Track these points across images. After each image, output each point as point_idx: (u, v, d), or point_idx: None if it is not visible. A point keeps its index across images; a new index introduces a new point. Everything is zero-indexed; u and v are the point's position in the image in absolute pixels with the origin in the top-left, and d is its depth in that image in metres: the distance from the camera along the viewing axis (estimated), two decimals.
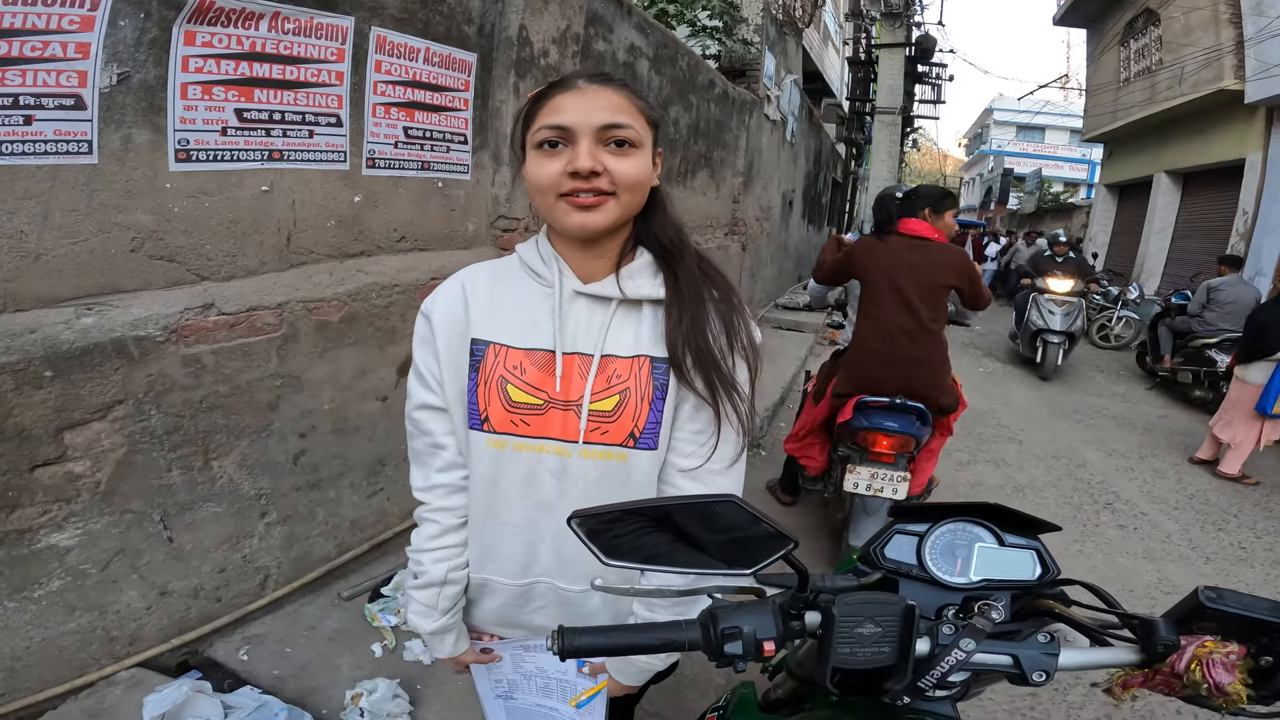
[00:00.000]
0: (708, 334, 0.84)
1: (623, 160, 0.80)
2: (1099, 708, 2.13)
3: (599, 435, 0.84)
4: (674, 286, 0.87)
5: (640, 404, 0.84)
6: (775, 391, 5.13)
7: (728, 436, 0.86)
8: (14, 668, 1.53)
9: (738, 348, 0.87)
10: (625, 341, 0.86)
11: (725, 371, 0.84)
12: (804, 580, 0.62)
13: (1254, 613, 0.62)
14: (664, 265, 0.89)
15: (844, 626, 0.60)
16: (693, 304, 0.85)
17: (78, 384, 1.49)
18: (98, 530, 1.60)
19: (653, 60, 4.05)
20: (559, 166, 0.79)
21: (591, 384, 0.84)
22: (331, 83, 1.94)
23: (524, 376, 0.85)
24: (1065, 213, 19.19)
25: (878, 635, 0.60)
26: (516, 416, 0.85)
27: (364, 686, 1.75)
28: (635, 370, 0.85)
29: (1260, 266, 7.98)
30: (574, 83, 0.81)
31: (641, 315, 0.88)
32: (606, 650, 0.61)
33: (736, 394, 0.84)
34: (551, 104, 0.80)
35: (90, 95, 1.45)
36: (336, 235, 2.09)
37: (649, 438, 0.85)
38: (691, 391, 0.83)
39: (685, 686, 2.08)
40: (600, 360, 0.85)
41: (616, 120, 0.79)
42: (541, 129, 0.80)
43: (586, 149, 0.78)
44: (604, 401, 0.84)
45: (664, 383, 0.85)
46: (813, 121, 11.05)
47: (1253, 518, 3.85)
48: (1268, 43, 7.92)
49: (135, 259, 1.62)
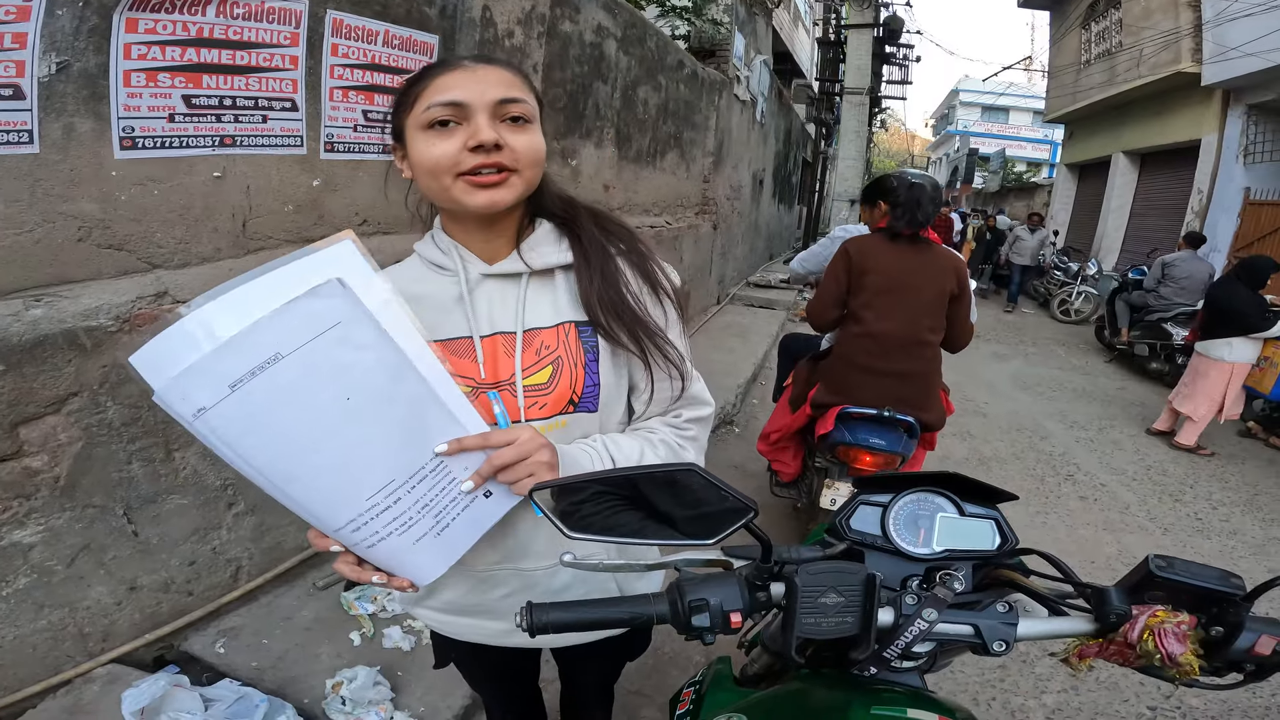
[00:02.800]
0: (621, 289, 0.85)
1: (522, 135, 0.78)
2: (1065, 680, 2.20)
3: (538, 410, 0.83)
4: (579, 249, 0.86)
5: (575, 370, 0.84)
6: (748, 368, 5.16)
7: (661, 380, 0.88)
8: None
9: (660, 290, 0.88)
10: (545, 312, 0.86)
11: (646, 320, 0.85)
12: (767, 550, 0.63)
13: (1203, 582, 0.63)
14: (565, 231, 0.89)
15: (807, 596, 0.61)
16: (599, 261, 0.85)
17: (30, 377, 1.44)
18: (60, 526, 1.56)
19: (621, 41, 4.01)
20: (456, 144, 0.76)
21: (520, 360, 0.83)
22: (285, 67, 1.89)
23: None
24: (1028, 192, 19.58)
25: (841, 605, 0.61)
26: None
27: (344, 675, 1.74)
28: (562, 338, 0.85)
29: (1215, 243, 8.22)
30: (459, 62, 0.79)
31: (556, 283, 0.88)
32: (575, 625, 0.61)
33: (662, 339, 0.86)
34: (438, 83, 0.77)
35: (29, 85, 1.41)
36: (295, 220, 2.04)
37: (589, 401, 0.85)
38: (619, 346, 0.84)
39: (666, 664, 2.11)
40: (525, 335, 0.84)
41: (512, 95, 0.77)
42: (432, 107, 0.76)
43: (486, 122, 0.75)
44: (537, 374, 0.83)
45: (593, 344, 0.85)
46: (783, 102, 11.06)
47: (1208, 489, 3.99)
48: (1225, 26, 8.10)
49: (83, 248, 1.57)
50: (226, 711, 1.54)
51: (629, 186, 4.62)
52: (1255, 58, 7.53)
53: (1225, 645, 0.62)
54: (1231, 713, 2.12)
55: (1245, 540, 3.37)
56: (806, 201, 17.26)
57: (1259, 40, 7.43)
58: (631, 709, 1.93)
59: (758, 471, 3.70)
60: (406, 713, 1.70)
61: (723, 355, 5.32)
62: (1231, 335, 4.35)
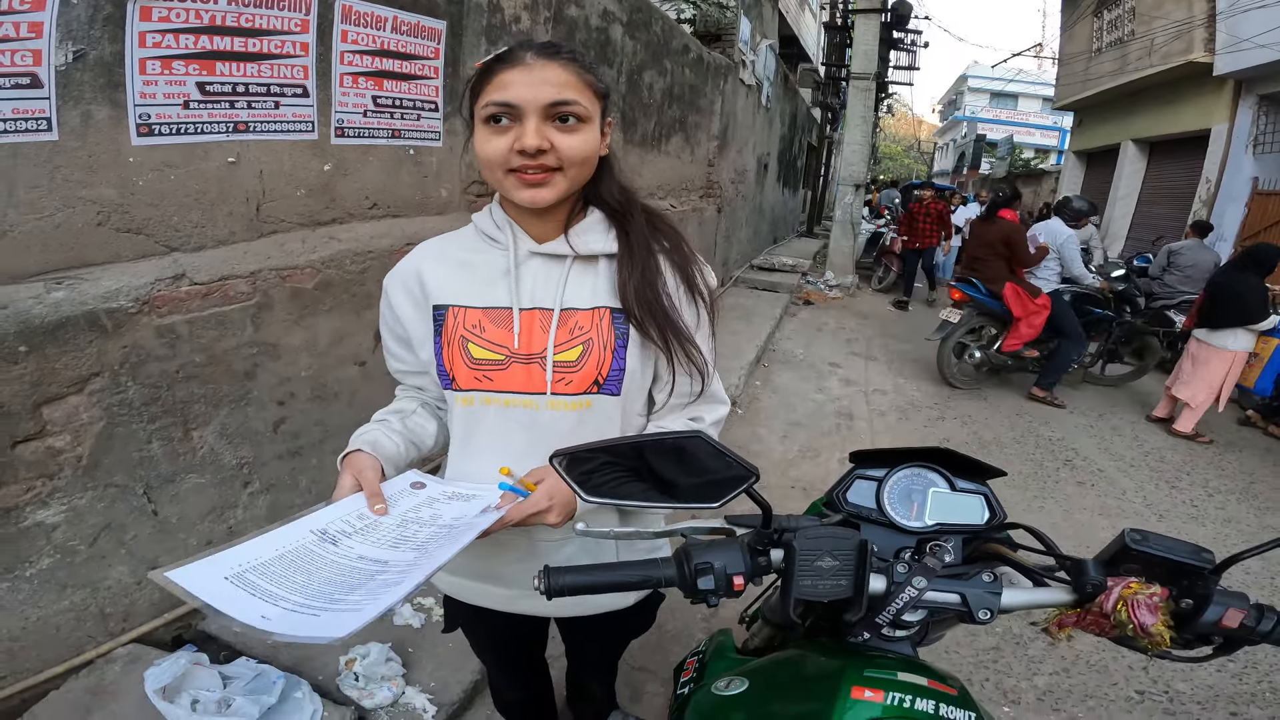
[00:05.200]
0: (658, 287, 0.89)
1: (570, 136, 0.82)
2: (1057, 662, 2.24)
3: (564, 385, 0.88)
4: (625, 242, 0.90)
5: (604, 353, 0.88)
6: (751, 351, 5.20)
7: (683, 377, 0.92)
8: (13, 649, 1.54)
9: (696, 293, 0.93)
10: (584, 295, 0.90)
11: (676, 321, 0.89)
12: (768, 515, 0.67)
13: (1175, 555, 0.66)
14: (615, 222, 0.92)
15: (805, 559, 0.64)
16: (643, 257, 0.89)
17: (52, 358, 1.48)
18: (83, 505, 1.60)
19: (626, 25, 4.00)
20: (506, 143, 0.80)
21: (554, 336, 0.87)
22: (297, 54, 1.91)
23: (484, 334, 0.88)
24: (1035, 178, 19.40)
25: (835, 568, 0.65)
26: (479, 372, 0.89)
27: (357, 651, 1.78)
28: (596, 321, 0.89)
29: (1222, 232, 8.19)
30: (521, 56, 0.80)
31: (598, 269, 0.91)
32: (590, 587, 0.65)
33: (689, 341, 0.90)
34: (498, 79, 0.80)
35: (46, 74, 1.44)
36: (307, 204, 2.07)
37: (613, 384, 0.89)
38: (647, 339, 0.88)
39: (669, 641, 2.16)
40: (561, 313, 0.88)
41: (563, 97, 0.80)
42: (489, 105, 0.80)
43: (533, 127, 0.79)
44: (568, 352, 0.88)
45: (624, 331, 0.89)
46: (788, 86, 10.99)
47: (1205, 476, 4.01)
48: (1239, 16, 8.03)
49: (102, 232, 1.60)
50: (245, 688, 1.57)
51: (634, 170, 4.63)
52: (1268, 49, 7.48)
53: (1194, 617, 0.65)
54: (1218, 698, 2.15)
55: (1240, 528, 3.40)
56: (811, 186, 17.15)
57: (1272, 32, 7.37)
58: (635, 684, 1.98)
59: (761, 452, 3.77)
60: (418, 687, 1.75)
61: (726, 337, 5.34)
62: (1234, 325, 4.35)
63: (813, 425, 4.29)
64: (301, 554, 0.73)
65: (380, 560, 0.73)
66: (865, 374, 5.55)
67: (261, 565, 0.69)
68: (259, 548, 0.72)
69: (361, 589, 0.66)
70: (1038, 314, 4.86)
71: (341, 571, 0.70)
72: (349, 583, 0.68)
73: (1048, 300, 4.89)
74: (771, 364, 5.56)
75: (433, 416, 1.04)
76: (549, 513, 0.80)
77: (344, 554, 0.74)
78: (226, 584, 0.66)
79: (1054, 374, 5.10)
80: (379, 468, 0.87)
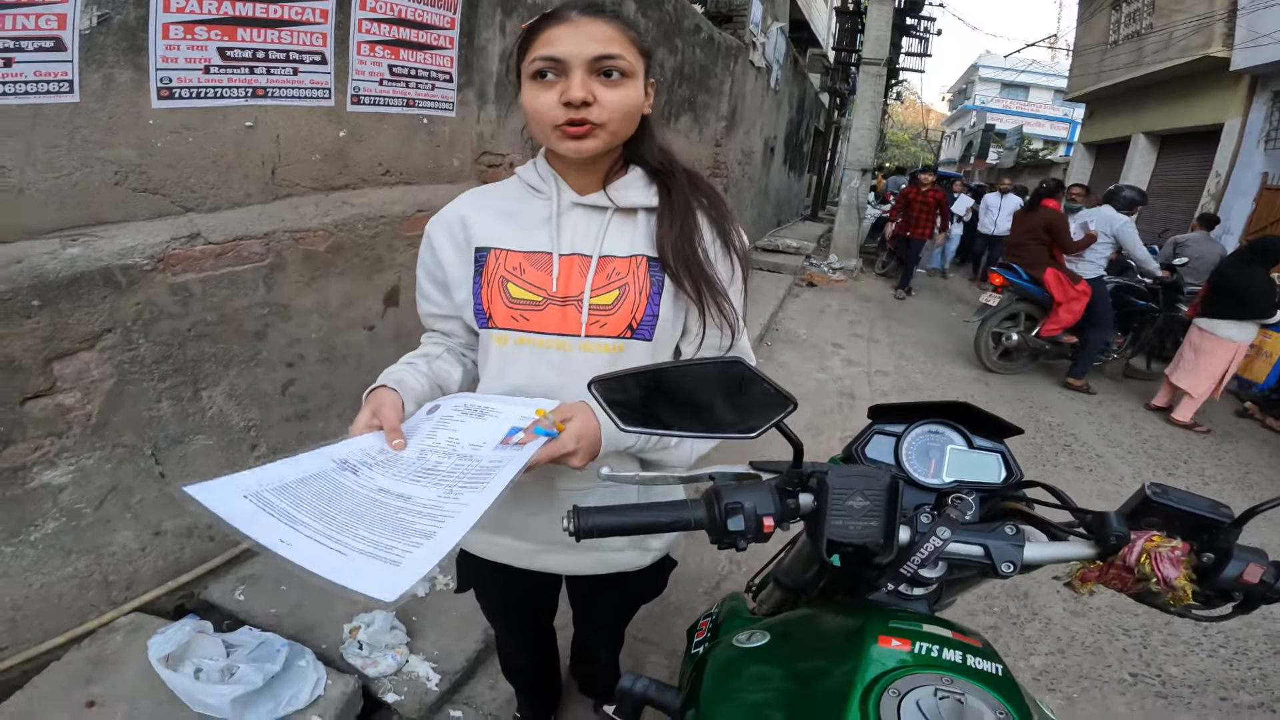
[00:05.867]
0: (694, 241, 0.91)
1: (614, 90, 0.84)
2: (1052, 643, 2.27)
3: (598, 328, 0.90)
4: (666, 197, 0.92)
5: (639, 298, 0.90)
6: (755, 330, 5.21)
7: (712, 330, 0.94)
8: (15, 618, 1.53)
9: (732, 250, 0.95)
10: (623, 244, 0.92)
11: (710, 275, 0.91)
12: (799, 454, 0.67)
13: (1194, 509, 0.67)
14: (657, 180, 0.94)
15: (836, 498, 0.65)
16: (682, 212, 0.91)
17: (65, 313, 1.48)
18: (90, 466, 1.60)
19: (640, 2, 3.96)
20: (553, 97, 0.82)
21: (591, 280, 0.89)
22: (316, 20, 1.90)
23: (523, 276, 0.91)
24: (1042, 169, 19.28)
25: (866, 509, 0.65)
26: (516, 312, 0.90)
27: (361, 620, 1.78)
28: (633, 269, 0.91)
29: (1228, 225, 8.17)
30: (566, 15, 0.83)
31: (637, 222, 0.93)
32: (619, 529, 0.66)
33: (721, 295, 0.92)
34: (545, 36, 0.82)
35: (70, 37, 1.44)
36: (321, 169, 2.06)
37: (645, 329, 0.91)
38: (681, 291, 0.90)
39: (672, 613, 2.18)
40: (599, 259, 0.90)
41: (609, 51, 0.82)
42: (536, 60, 0.82)
43: (580, 80, 0.81)
44: (604, 296, 0.90)
45: (660, 279, 0.91)
46: (797, 70, 10.89)
47: (1201, 465, 4.04)
48: (1261, 12, 7.95)
49: (119, 191, 1.60)
50: (249, 656, 1.55)
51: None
52: None
53: (1216, 572, 0.65)
54: (1209, 683, 2.17)
55: None
56: (817, 170, 17.05)
57: None
58: (639, 655, 2.00)
59: None
60: (421, 656, 1.76)
61: None
62: (1237, 317, 4.36)
63: (815, 404, 4.31)
64: (322, 480, 0.73)
65: (402, 495, 0.71)
66: (868, 355, 5.56)
67: (281, 487, 0.70)
68: (280, 471, 0.73)
69: (389, 531, 0.65)
70: (1078, 300, 4.96)
71: (362, 503, 0.70)
72: (371, 518, 0.67)
73: (1088, 287, 4.99)
74: (775, 343, 5.57)
75: (458, 362, 1.06)
76: (574, 455, 0.80)
77: (364, 484, 0.73)
78: (245, 502, 0.66)
79: (1085, 362, 5.19)
80: (400, 405, 0.87)
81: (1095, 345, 5.15)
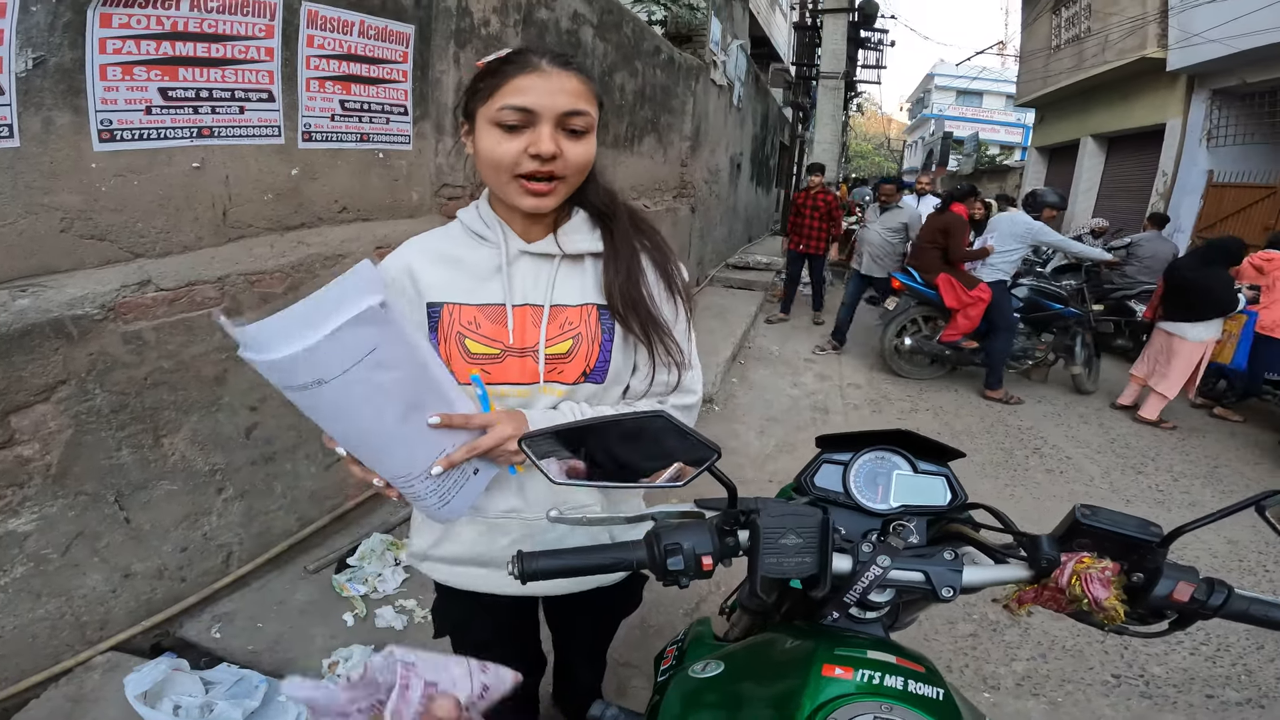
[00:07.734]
0: (640, 285, 0.93)
1: (578, 145, 0.86)
2: (1034, 648, 2.28)
3: (556, 375, 0.92)
4: (609, 242, 0.95)
5: (592, 346, 0.93)
6: (727, 348, 5.23)
7: (661, 369, 0.97)
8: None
9: (675, 289, 0.98)
10: (573, 292, 0.94)
11: (657, 317, 0.94)
12: (733, 494, 0.69)
13: (1123, 529, 0.69)
14: (600, 222, 0.97)
15: (769, 537, 0.66)
16: (627, 257, 0.94)
17: (19, 366, 1.46)
18: (54, 514, 1.58)
19: (597, 27, 4.01)
20: (519, 146, 0.83)
21: (545, 330, 0.91)
22: (261, 59, 1.90)
23: (479, 330, 0.91)
24: (1000, 174, 19.81)
25: (800, 545, 0.67)
26: (476, 367, 0.91)
27: (340, 654, 1.77)
28: (585, 317, 0.93)
29: (1179, 224, 8.45)
30: (536, 64, 0.83)
31: (585, 268, 0.96)
32: (561, 571, 0.67)
33: (667, 335, 0.95)
34: (514, 84, 0.82)
35: (7, 80, 1.43)
36: (275, 208, 2.05)
37: (599, 374, 0.94)
38: (630, 334, 0.93)
39: (653, 637, 2.17)
40: (551, 309, 0.92)
41: (578, 107, 0.84)
42: (505, 109, 0.82)
43: (548, 133, 0.82)
44: (559, 345, 0.92)
45: (610, 326, 0.94)
46: (760, 86, 11.08)
47: (1169, 461, 4.10)
48: (1190, 12, 8.26)
49: (66, 239, 1.58)
50: (227, 693, 1.56)
51: (607, 171, 4.63)
52: (1218, 44, 7.71)
53: (1146, 591, 0.67)
54: (1193, 681, 2.18)
55: (1205, 511, 3.49)
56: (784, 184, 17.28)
57: (1223, 26, 7.59)
58: (621, 678, 1.99)
59: (738, 448, 3.81)
60: None
61: (702, 336, 5.33)
62: (1209, 318, 4.41)
63: (789, 420, 4.34)
64: None
65: None
66: (839, 369, 5.62)
67: None
68: None
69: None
70: (974, 305, 4.82)
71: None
72: None
73: (988, 291, 4.81)
74: (748, 361, 5.61)
75: None
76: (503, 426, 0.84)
77: None
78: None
79: (996, 371, 5.00)
80: None
81: (1000, 354, 4.96)
